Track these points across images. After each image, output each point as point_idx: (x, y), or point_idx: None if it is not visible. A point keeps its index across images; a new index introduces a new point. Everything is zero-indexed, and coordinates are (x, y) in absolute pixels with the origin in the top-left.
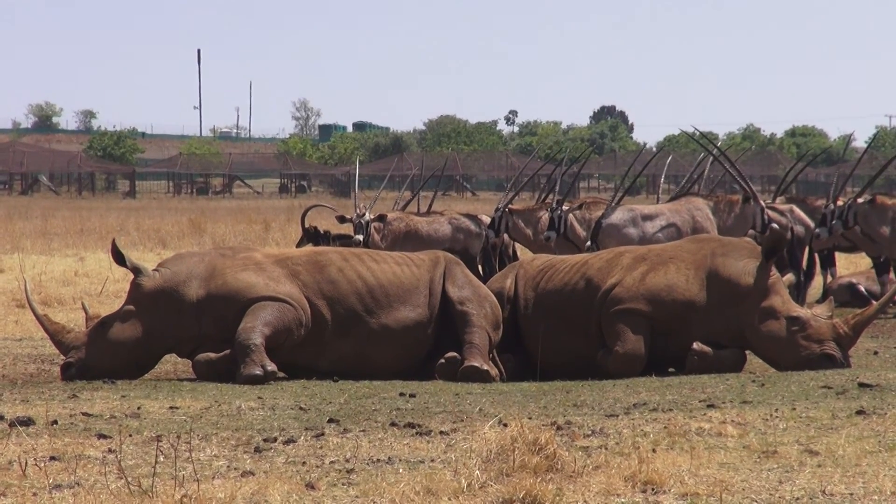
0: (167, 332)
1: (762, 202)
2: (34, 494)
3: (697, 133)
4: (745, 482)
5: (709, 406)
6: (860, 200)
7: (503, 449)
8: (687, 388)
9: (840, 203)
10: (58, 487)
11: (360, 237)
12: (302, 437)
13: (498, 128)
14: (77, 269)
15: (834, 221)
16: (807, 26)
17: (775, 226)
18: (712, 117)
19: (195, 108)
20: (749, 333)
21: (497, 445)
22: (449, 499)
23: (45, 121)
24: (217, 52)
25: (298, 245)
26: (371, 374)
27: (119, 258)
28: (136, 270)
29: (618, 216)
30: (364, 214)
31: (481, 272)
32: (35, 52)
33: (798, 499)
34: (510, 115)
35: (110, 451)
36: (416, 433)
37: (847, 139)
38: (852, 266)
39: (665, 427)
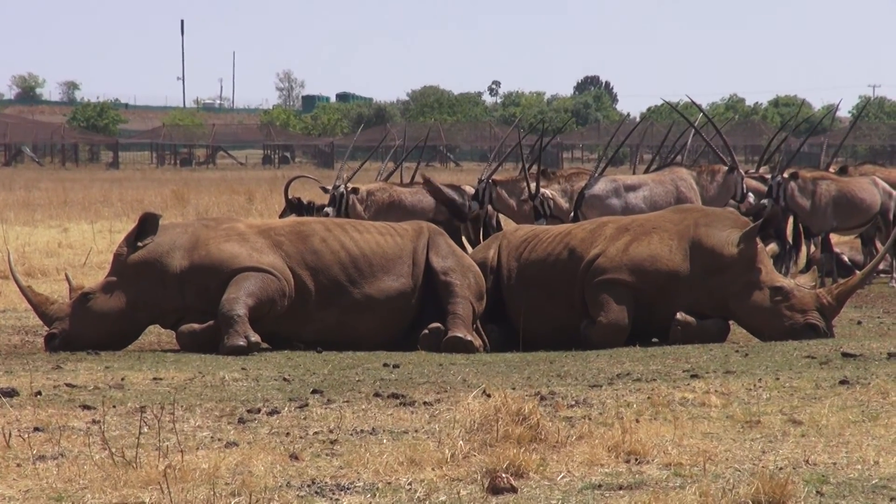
0: (151, 303)
1: (741, 171)
2: (18, 465)
3: (681, 102)
4: (728, 452)
5: (692, 376)
6: (785, 175)
7: (487, 419)
8: (670, 358)
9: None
10: (42, 458)
11: (331, 209)
12: (286, 408)
13: (482, 98)
14: (61, 240)
15: (763, 200)
16: None
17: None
18: (696, 87)
19: (178, 78)
20: (733, 303)
21: (481, 416)
22: (432, 469)
23: (28, 92)
24: (200, 23)
25: (282, 216)
26: (355, 345)
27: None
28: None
29: (601, 187)
30: (339, 186)
31: (465, 243)
32: (18, 24)
33: (781, 468)
34: (493, 86)
35: (94, 422)
36: (400, 404)
37: (833, 109)
38: (835, 236)
39: (649, 397)
